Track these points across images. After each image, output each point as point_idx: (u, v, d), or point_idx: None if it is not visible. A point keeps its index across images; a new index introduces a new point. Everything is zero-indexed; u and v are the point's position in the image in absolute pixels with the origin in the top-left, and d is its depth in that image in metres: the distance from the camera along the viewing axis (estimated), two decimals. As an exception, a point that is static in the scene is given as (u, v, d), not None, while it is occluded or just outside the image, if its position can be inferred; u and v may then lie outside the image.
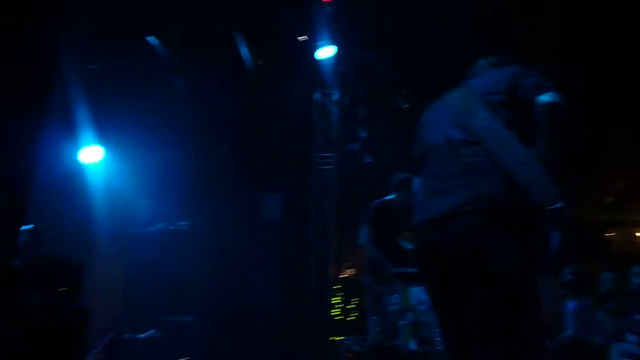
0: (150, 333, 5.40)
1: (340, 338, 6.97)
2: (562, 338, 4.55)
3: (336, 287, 8.10)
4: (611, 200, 8.19)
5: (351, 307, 8.63)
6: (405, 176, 3.98)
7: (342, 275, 9.39)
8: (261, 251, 6.41)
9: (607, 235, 8.32)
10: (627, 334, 4.15)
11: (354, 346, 4.51)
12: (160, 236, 6.40)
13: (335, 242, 7.04)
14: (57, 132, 5.43)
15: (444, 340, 2.12)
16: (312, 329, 6.16)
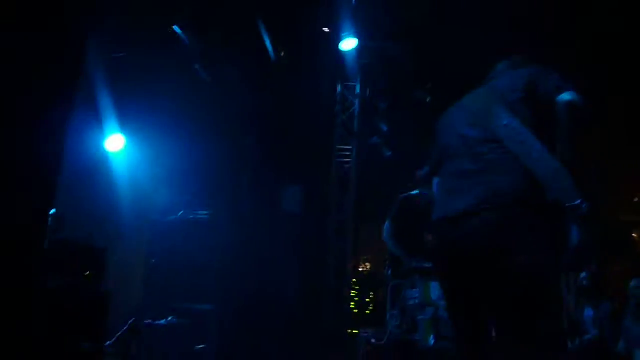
0: (169, 320, 5.46)
1: (356, 331, 6.98)
2: (584, 341, 4.48)
3: (353, 280, 8.10)
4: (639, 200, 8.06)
5: (368, 300, 8.63)
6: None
7: (360, 268, 9.39)
8: (280, 243, 6.42)
9: (634, 236, 8.18)
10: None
11: (372, 339, 4.50)
12: (180, 225, 6.46)
13: (353, 235, 7.02)
14: (83, 120, 5.50)
15: (456, 336, 2.12)
16: (329, 321, 6.17)
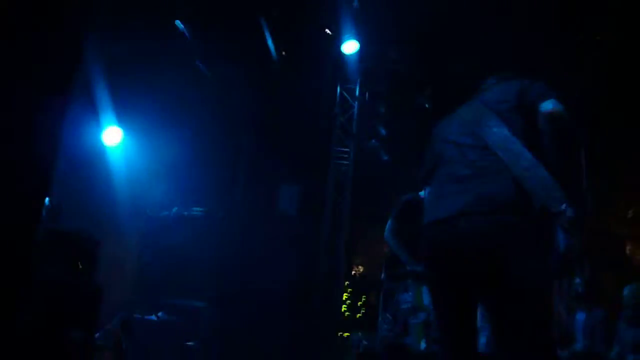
0: (159, 315, 5.44)
1: (347, 334, 6.97)
2: (573, 351, 4.49)
3: (346, 282, 8.09)
4: (633, 214, 8.11)
5: (360, 304, 8.63)
6: None
7: (352, 272, 9.38)
8: (274, 242, 6.41)
9: (629, 249, 8.23)
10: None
11: (364, 342, 4.49)
12: (174, 221, 6.44)
13: (348, 237, 7.02)
14: (81, 112, 5.47)
15: (441, 339, 2.13)
16: (321, 323, 6.16)
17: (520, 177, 1.90)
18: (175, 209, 6.62)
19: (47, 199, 3.98)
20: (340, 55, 6.64)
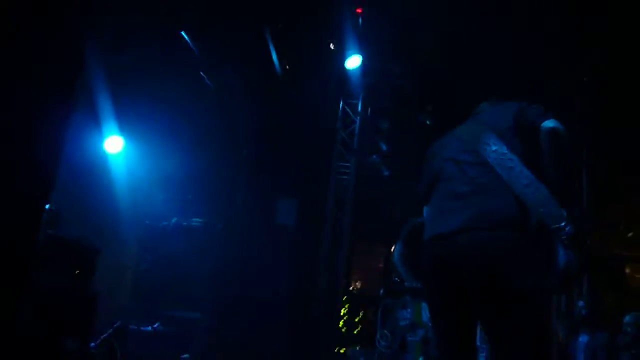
0: (155, 326, 5.39)
1: (342, 350, 6.90)
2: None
3: (344, 298, 8.03)
4: (633, 235, 8.10)
5: (357, 320, 8.55)
6: None
7: (350, 287, 9.32)
8: (272, 255, 6.38)
9: (628, 271, 8.22)
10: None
11: (361, 358, 4.44)
12: (173, 231, 6.42)
13: (348, 252, 6.99)
14: (84, 120, 5.48)
15: (439, 353, 2.12)
16: (320, 338, 6.10)
17: (520, 194, 1.93)
18: (175, 219, 6.60)
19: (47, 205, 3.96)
20: (344, 71, 6.68)
